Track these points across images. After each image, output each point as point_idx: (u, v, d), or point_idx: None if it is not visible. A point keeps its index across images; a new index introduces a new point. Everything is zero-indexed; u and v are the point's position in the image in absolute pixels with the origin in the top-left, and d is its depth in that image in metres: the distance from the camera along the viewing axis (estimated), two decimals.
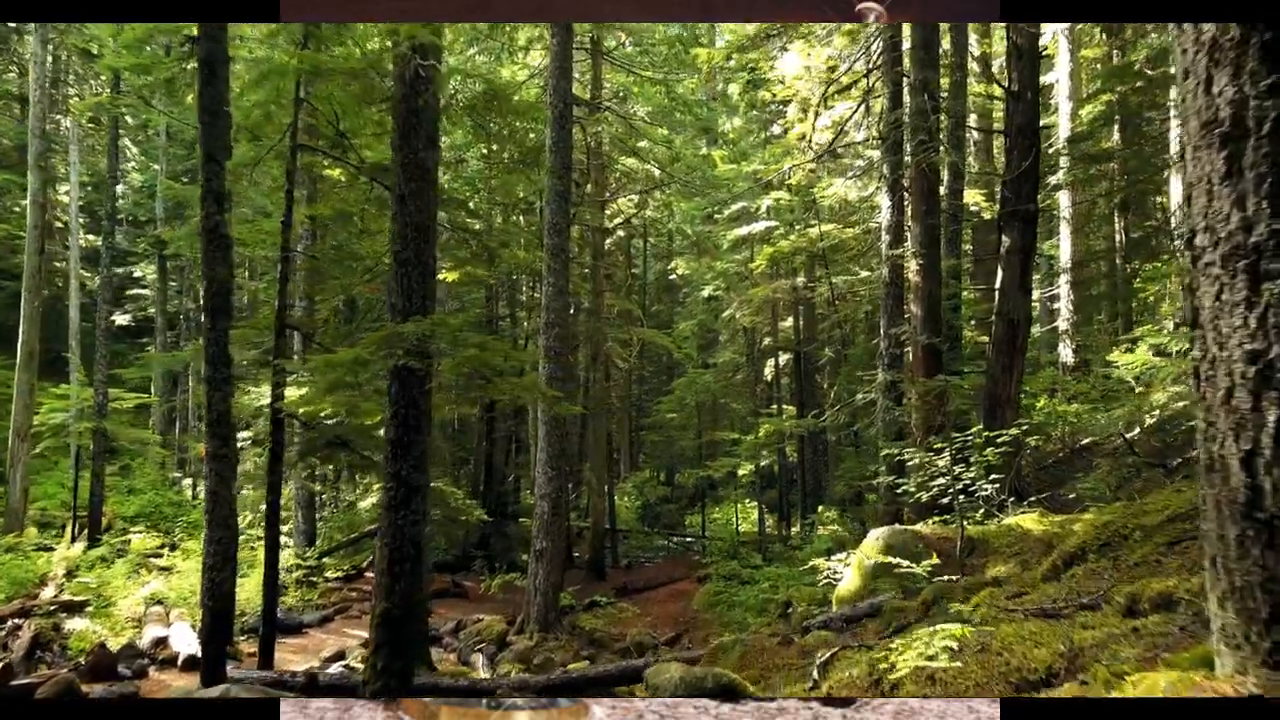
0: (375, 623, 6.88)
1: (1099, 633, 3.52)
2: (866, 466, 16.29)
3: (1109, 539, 5.80)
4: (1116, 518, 5.95)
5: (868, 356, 20.84)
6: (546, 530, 13.89)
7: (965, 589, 7.04)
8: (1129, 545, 5.59)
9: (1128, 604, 3.73)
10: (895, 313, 13.18)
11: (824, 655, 5.25)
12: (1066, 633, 3.60)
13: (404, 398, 7.10)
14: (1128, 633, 3.39)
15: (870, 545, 8.94)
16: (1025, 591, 5.37)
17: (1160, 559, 5.14)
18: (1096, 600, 4.46)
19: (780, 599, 15.31)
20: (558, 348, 14.08)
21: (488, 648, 12.94)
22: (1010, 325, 12.35)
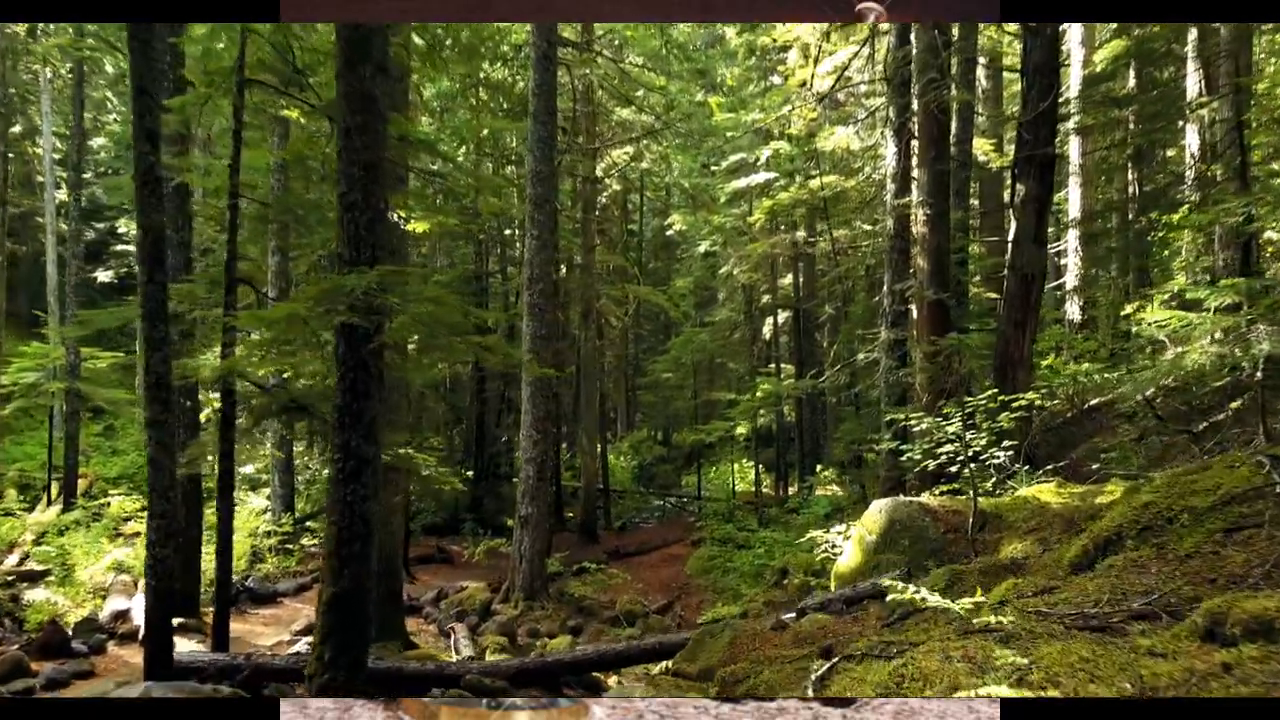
0: (321, 610, 6.13)
1: (1174, 666, 2.73)
2: (867, 429, 15.50)
3: (1150, 522, 4.99)
4: (1157, 497, 5.13)
5: (869, 314, 19.96)
6: (532, 496, 13.16)
7: (981, 573, 6.26)
8: (1175, 531, 4.79)
9: (1208, 624, 2.93)
10: (900, 267, 12.28)
11: (820, 668, 4.47)
12: (1131, 664, 2.81)
13: (352, 359, 6.26)
14: (1216, 670, 2.59)
15: (872, 518, 8.16)
16: (1055, 586, 4.58)
17: (1218, 550, 4.33)
18: (1151, 607, 3.65)
19: (776, 566, 14.63)
20: (542, 304, 13.22)
21: (470, 618, 12.27)
22: (1024, 280, 11.44)
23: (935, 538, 7.65)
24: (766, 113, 18.20)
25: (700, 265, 27.54)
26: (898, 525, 7.87)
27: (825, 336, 25.89)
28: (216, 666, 7.65)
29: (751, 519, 18.77)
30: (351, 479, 6.23)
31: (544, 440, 13.19)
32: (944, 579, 6.35)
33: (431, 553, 16.66)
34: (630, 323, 30.70)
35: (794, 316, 23.06)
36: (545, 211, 13.18)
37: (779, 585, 14.56)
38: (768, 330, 25.14)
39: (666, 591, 15.51)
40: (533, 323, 13.18)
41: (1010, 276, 11.68)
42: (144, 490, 18.24)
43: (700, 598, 15.06)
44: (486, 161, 22.25)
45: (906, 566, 7.50)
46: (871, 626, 6.56)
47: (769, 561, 15.01)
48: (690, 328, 25.40)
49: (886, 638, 5.20)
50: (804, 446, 23.98)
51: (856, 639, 6.21)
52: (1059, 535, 6.92)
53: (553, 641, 10.87)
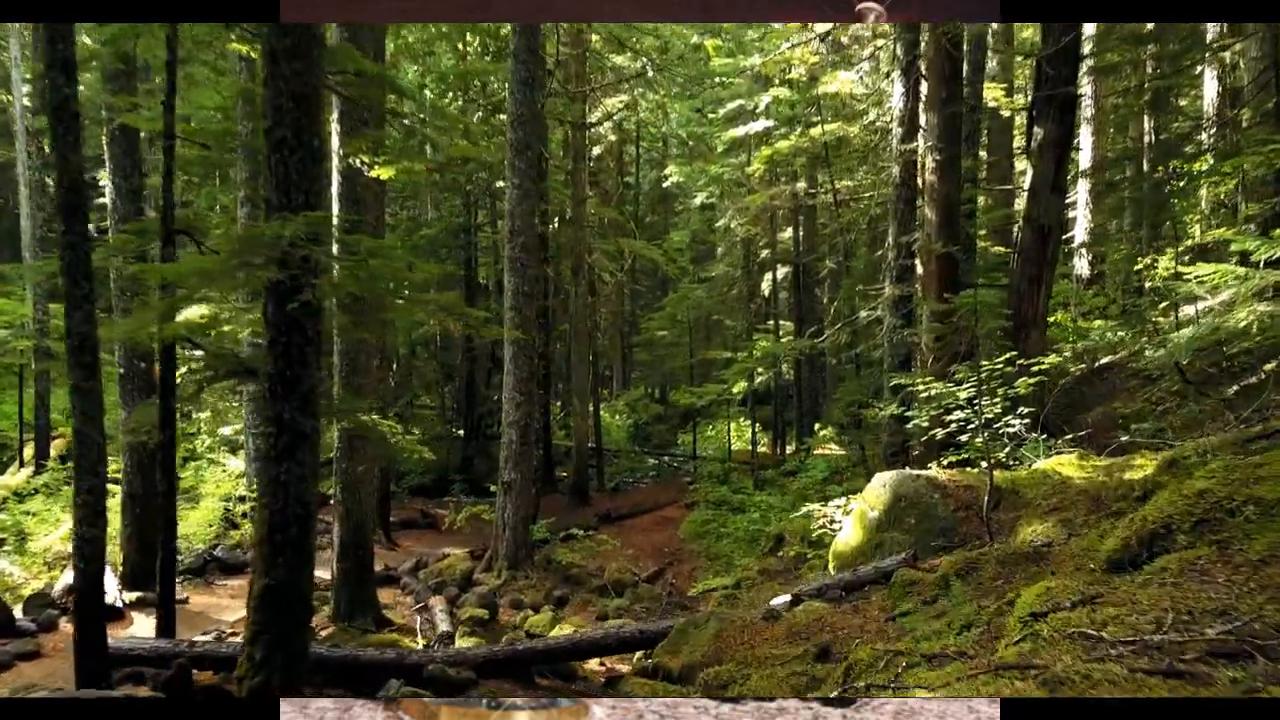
0: (252, 604, 5.38)
1: None
2: (868, 390, 14.71)
3: (1206, 514, 4.20)
4: (1214, 484, 4.33)
5: (872, 269, 19.06)
6: (515, 461, 12.41)
7: (999, 561, 5.49)
8: (1239, 527, 3.99)
9: None
10: (906, 218, 11.37)
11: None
12: None
13: (283, 321, 5.43)
14: None
15: (874, 493, 7.39)
16: (1097, 594, 3.80)
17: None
18: (1235, 639, 2.87)
19: (772, 532, 13.96)
20: (525, 259, 12.33)
21: (449, 589, 11.58)
22: (1040, 232, 10.57)
23: (945, 516, 6.90)
24: (766, 57, 17.10)
25: (698, 218, 26.51)
26: (903, 501, 7.10)
27: (825, 292, 24.97)
28: (158, 653, 6.95)
29: (747, 481, 18.09)
30: (285, 456, 5.44)
31: (527, 403, 12.41)
32: (957, 567, 5.59)
33: (415, 517, 15.99)
34: (626, 279, 29.77)
35: (794, 272, 22.14)
36: (527, 158, 12.23)
37: (774, 553, 13.90)
38: (766, 286, 24.24)
39: (658, 557, 14.85)
40: (515, 278, 12.31)
41: (1025, 228, 10.80)
42: None
43: (693, 564, 14.41)
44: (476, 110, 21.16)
45: (913, 548, 6.75)
46: (874, 619, 5.82)
47: (764, 527, 14.34)
48: (686, 284, 24.46)
49: (892, 646, 4.44)
50: (802, 405, 23.23)
51: (858, 636, 5.49)
52: (1084, 516, 6.15)
53: (534, 617, 10.21)
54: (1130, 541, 4.42)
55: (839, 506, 8.48)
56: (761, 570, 12.83)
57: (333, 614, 9.75)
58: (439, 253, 23.30)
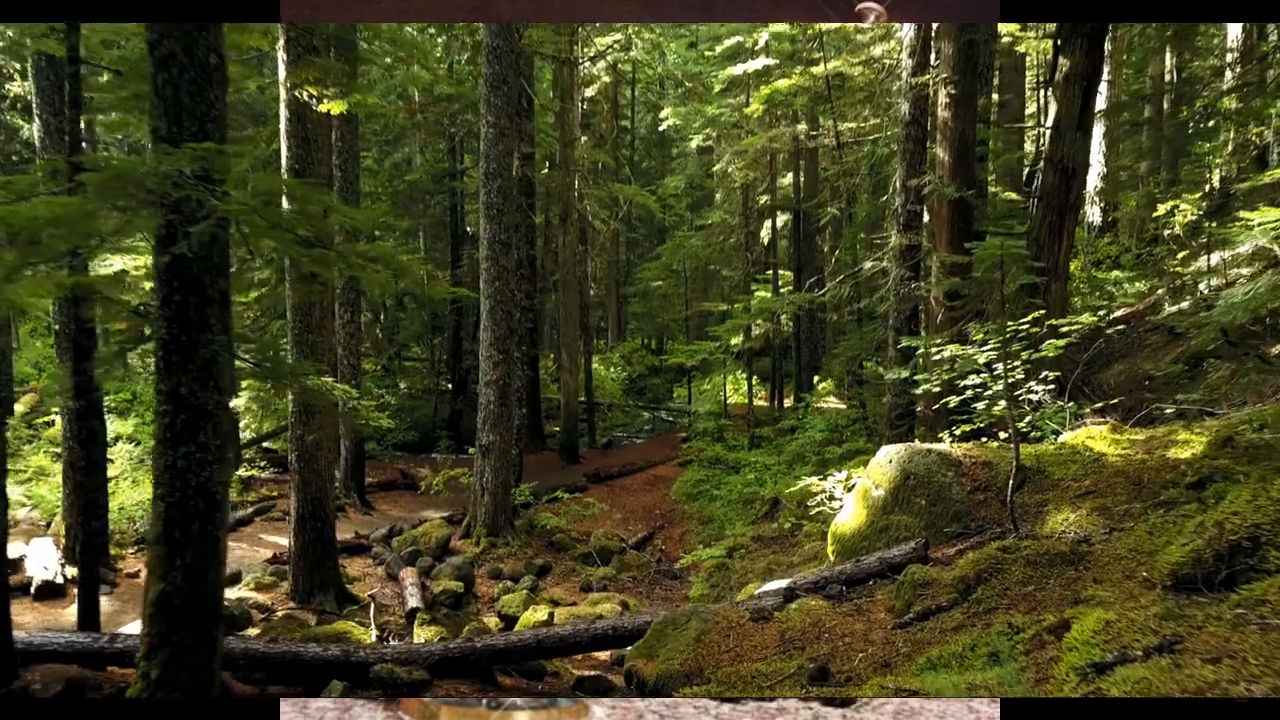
0: (148, 612, 4.53)
1: None
2: (870, 345, 13.78)
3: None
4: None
5: (875, 216, 17.99)
6: (494, 423, 11.55)
7: (1028, 562, 4.62)
8: None
9: None
10: (915, 159, 10.30)
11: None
12: None
13: (179, 278, 4.49)
14: None
15: (880, 469, 6.51)
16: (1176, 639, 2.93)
17: None
18: None
19: (767, 495, 13.17)
20: (501, 205, 11.30)
21: (423, 559, 10.82)
22: (1063, 174, 9.53)
23: (959, 498, 6.02)
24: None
25: (694, 163, 25.29)
26: (912, 480, 6.22)
27: (827, 240, 23.88)
28: (74, 649, 6.14)
29: (743, 438, 17.26)
30: (184, 438, 4.54)
31: (506, 361, 11.49)
32: (979, 568, 4.72)
33: (395, 478, 15.17)
34: (621, 226, 28.64)
35: (794, 219, 21.04)
36: (503, 95, 11.12)
37: (769, 517, 13.13)
38: (765, 234, 23.15)
39: (648, 520, 14.09)
40: (491, 226, 11.30)
41: (1046, 170, 9.76)
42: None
43: (684, 528, 13.65)
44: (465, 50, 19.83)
45: (923, 535, 5.89)
46: (880, 624, 4.98)
47: (759, 490, 13.54)
48: (682, 232, 23.37)
49: (905, 682, 3.58)
50: (801, 358, 22.32)
51: (861, 648, 4.65)
52: (1125, 503, 5.28)
53: (507, 596, 9.42)
54: (1203, 554, 3.53)
55: (839, 481, 7.59)
56: (756, 537, 12.06)
57: (291, 591, 8.99)
58: (425, 200, 22.17)
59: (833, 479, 7.61)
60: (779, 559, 10.52)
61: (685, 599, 10.68)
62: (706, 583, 10.38)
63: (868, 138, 16.83)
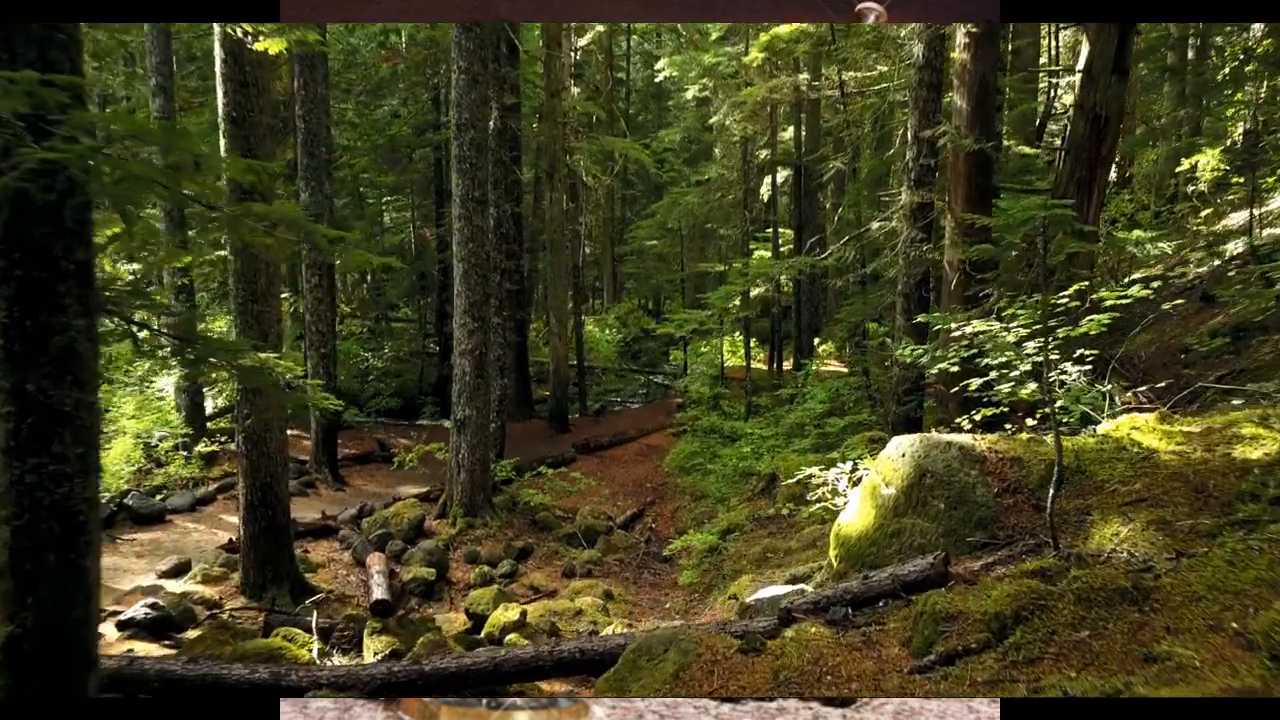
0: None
1: None
2: (875, 309, 12.82)
3: None
4: None
5: (879, 173, 16.89)
6: (470, 395, 10.65)
7: (1078, 599, 3.73)
8: None
9: None
10: (930, 107, 9.24)
11: None
12: None
13: (21, 247, 3.53)
14: None
15: (890, 464, 5.60)
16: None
17: None
18: None
19: (764, 471, 12.31)
20: (475, 158, 10.27)
21: (394, 543, 9.99)
22: (1095, 124, 8.49)
23: (985, 502, 5.11)
24: None
25: (692, 115, 24.04)
26: (929, 478, 5.31)
27: (829, 198, 22.77)
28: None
29: (739, 405, 16.38)
30: (34, 447, 3.63)
31: (482, 330, 10.54)
32: (1016, 604, 3.83)
33: (373, 450, 14.29)
34: (617, 182, 27.45)
35: (794, 174, 19.91)
36: (475, 37, 10.01)
37: (765, 493, 12.29)
38: (765, 191, 22.02)
39: (639, 495, 13.26)
40: (464, 182, 10.27)
41: (1076, 118, 8.72)
42: None
43: (676, 504, 12.81)
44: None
45: (942, 545, 5.01)
46: (893, 663, 4.11)
47: (755, 464, 12.68)
48: (679, 189, 22.22)
49: None
50: (801, 320, 21.36)
51: (870, 692, 3.77)
52: (1187, 514, 4.37)
53: (476, 593, 8.58)
54: None
55: (844, 473, 6.67)
56: (751, 516, 11.23)
57: (241, 584, 8.17)
58: (408, 155, 21.02)
59: (835, 470, 6.68)
60: (775, 543, 9.68)
61: (674, 585, 9.88)
62: (697, 569, 9.56)
63: (874, 87, 15.65)
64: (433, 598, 9.34)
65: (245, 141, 7.56)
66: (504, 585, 9.74)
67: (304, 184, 12.15)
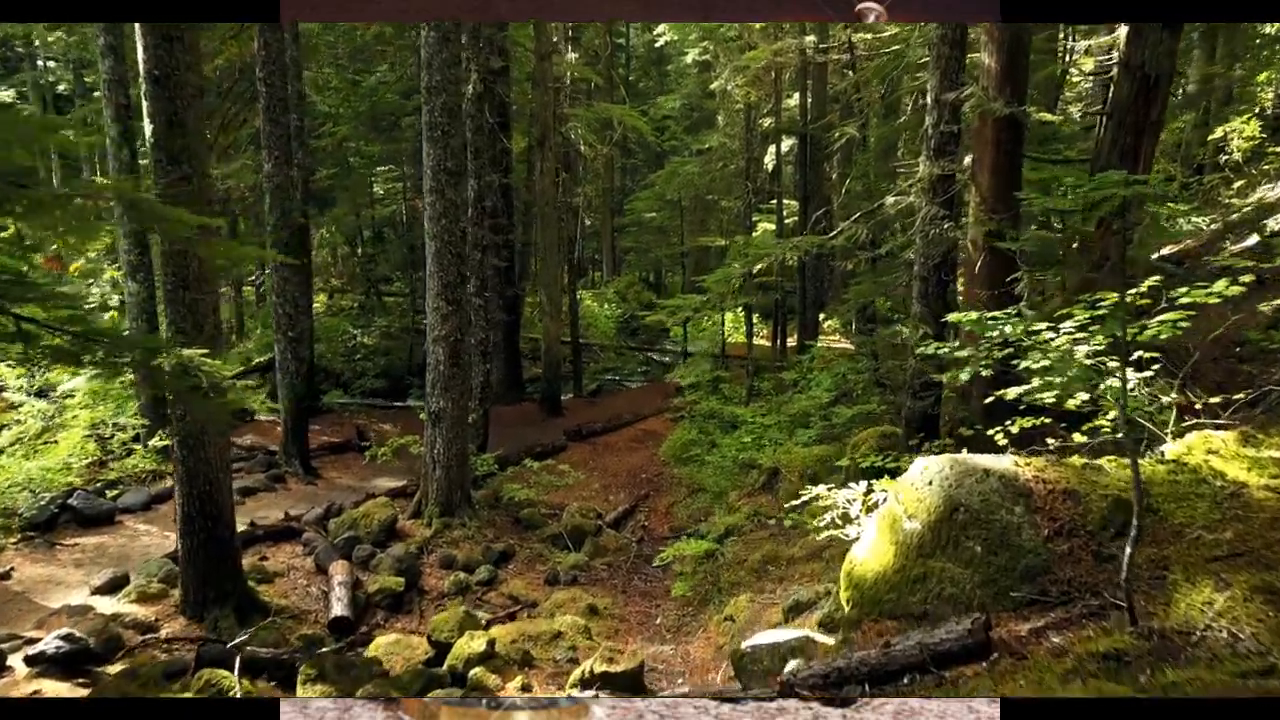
0: None
1: None
2: (885, 289, 11.77)
3: None
4: None
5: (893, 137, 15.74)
6: (445, 386, 9.68)
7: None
8: None
9: None
10: (953, 67, 8.11)
11: None
12: None
13: None
14: None
15: (913, 492, 4.62)
16: None
17: None
18: None
19: (766, 464, 11.35)
20: (446, 124, 9.20)
21: (362, 547, 9.08)
22: (1143, 84, 7.39)
23: (1033, 547, 4.13)
24: None
25: (693, 81, 22.78)
26: (963, 514, 4.33)
27: (835, 168, 21.57)
28: None
29: (740, 388, 15.40)
30: None
31: (457, 314, 9.53)
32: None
33: (350, 438, 13.33)
34: (616, 152, 26.25)
35: (799, 143, 18.74)
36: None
37: (768, 489, 11.35)
38: (769, 160, 20.83)
39: (632, 487, 12.34)
40: (435, 150, 9.21)
41: (1121, 79, 7.61)
42: None
43: (671, 498, 11.89)
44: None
45: (979, 601, 4.04)
46: None
47: (756, 454, 11.72)
48: (678, 158, 21.05)
49: None
50: (806, 296, 20.28)
51: None
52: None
53: (438, 616, 7.67)
54: None
55: (853, 499, 5.64)
56: (752, 514, 10.30)
57: (180, 605, 7.26)
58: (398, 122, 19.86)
59: (847, 493, 5.65)
60: (777, 549, 8.76)
61: (666, 594, 8.97)
62: (691, 579, 8.64)
63: (886, 50, 14.44)
64: (401, 610, 8.45)
65: (170, 104, 6.51)
66: (480, 594, 8.87)
67: (266, 154, 11.09)
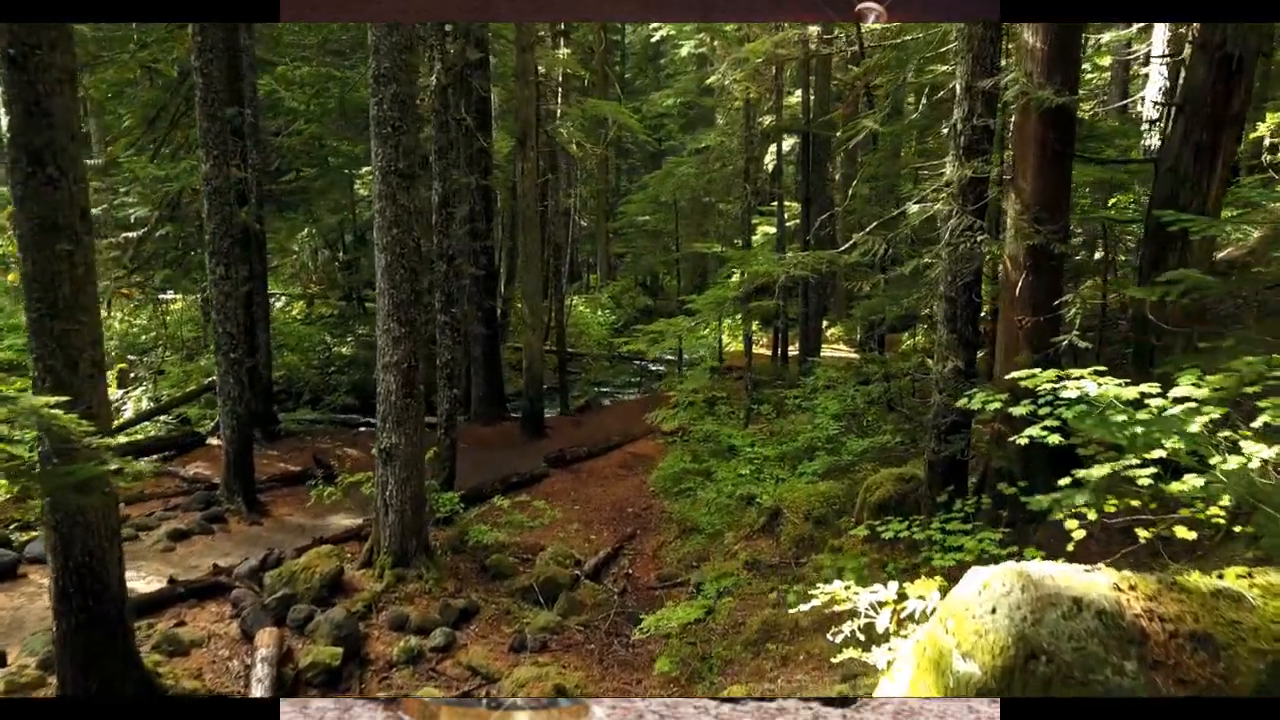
0: None
1: None
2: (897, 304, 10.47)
3: None
4: None
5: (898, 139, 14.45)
6: (397, 419, 8.38)
7: None
8: None
9: None
10: (987, 50, 6.78)
11: None
12: None
13: None
14: None
15: (970, 620, 3.29)
16: None
17: None
18: None
19: (766, 502, 10.04)
20: (398, 119, 7.91)
21: (299, 608, 7.78)
22: (1223, 70, 6.08)
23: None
24: None
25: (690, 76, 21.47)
26: (1044, 664, 3.01)
27: (839, 168, 20.27)
28: None
29: (739, 406, 14.09)
30: None
31: (410, 338, 8.23)
32: None
33: (308, 466, 12.00)
34: (610, 152, 24.95)
35: (802, 142, 17.44)
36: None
37: (768, 530, 10.05)
38: (770, 160, 19.54)
39: (617, 524, 11.04)
40: (385, 150, 7.92)
41: (1196, 62, 6.30)
42: None
43: (661, 538, 10.58)
44: None
45: None
46: None
47: (755, 487, 10.42)
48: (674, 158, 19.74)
49: None
50: (809, 304, 18.97)
51: None
52: None
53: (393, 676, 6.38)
54: None
55: (879, 604, 4.25)
56: (750, 562, 9.00)
57: (58, 694, 5.97)
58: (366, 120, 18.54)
59: (867, 596, 4.25)
60: (780, 616, 7.46)
61: (649, 666, 7.64)
62: (677, 654, 7.32)
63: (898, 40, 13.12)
64: (338, 687, 7.18)
65: (30, 89, 5.23)
66: (435, 663, 7.59)
67: (204, 153, 9.78)
